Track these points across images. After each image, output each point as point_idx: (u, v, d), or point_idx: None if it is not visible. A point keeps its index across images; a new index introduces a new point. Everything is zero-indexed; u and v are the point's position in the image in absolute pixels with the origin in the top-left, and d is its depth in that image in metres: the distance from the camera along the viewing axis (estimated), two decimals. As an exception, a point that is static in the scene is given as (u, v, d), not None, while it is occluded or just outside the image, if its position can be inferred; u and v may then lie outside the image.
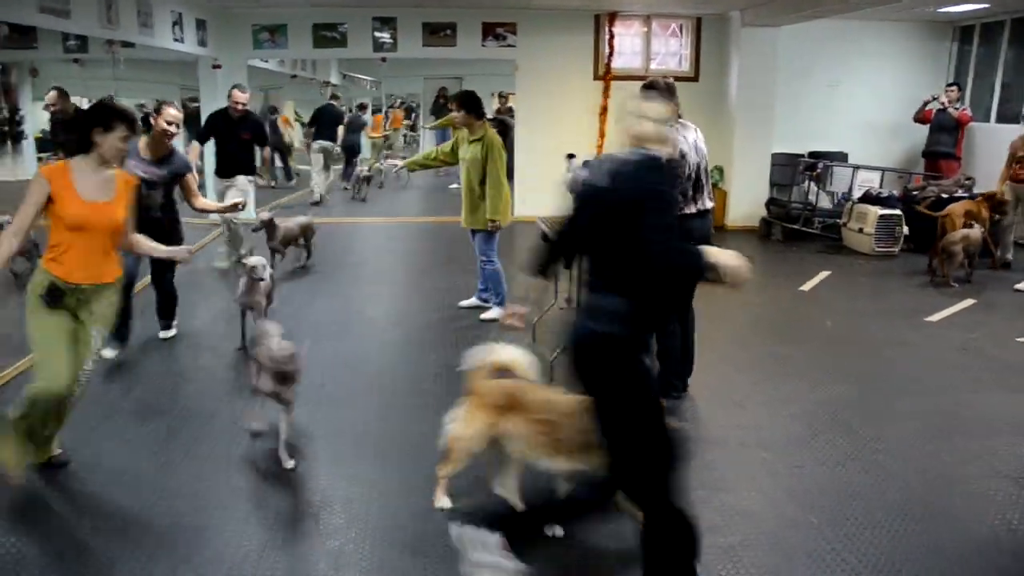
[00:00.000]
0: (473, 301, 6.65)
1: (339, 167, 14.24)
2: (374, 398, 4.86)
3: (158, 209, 5.27)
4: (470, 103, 6.13)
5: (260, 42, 10.34)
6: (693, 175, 4.50)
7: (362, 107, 16.49)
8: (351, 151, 14.44)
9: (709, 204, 4.63)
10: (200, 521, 3.44)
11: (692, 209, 4.52)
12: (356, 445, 4.22)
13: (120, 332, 5.25)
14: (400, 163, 6.61)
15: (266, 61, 12.34)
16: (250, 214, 8.27)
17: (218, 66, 10.19)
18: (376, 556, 3.25)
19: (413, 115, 21.58)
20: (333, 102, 13.77)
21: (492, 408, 3.38)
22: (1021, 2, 9.33)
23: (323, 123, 12.94)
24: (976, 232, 7.64)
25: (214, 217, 7.98)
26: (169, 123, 5.26)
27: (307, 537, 3.37)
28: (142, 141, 5.20)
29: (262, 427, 4.23)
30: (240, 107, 7.47)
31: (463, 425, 3.43)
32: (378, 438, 4.30)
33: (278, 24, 10.27)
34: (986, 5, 9.52)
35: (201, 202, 5.61)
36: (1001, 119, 10.36)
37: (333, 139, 12.96)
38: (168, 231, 5.21)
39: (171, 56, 9.50)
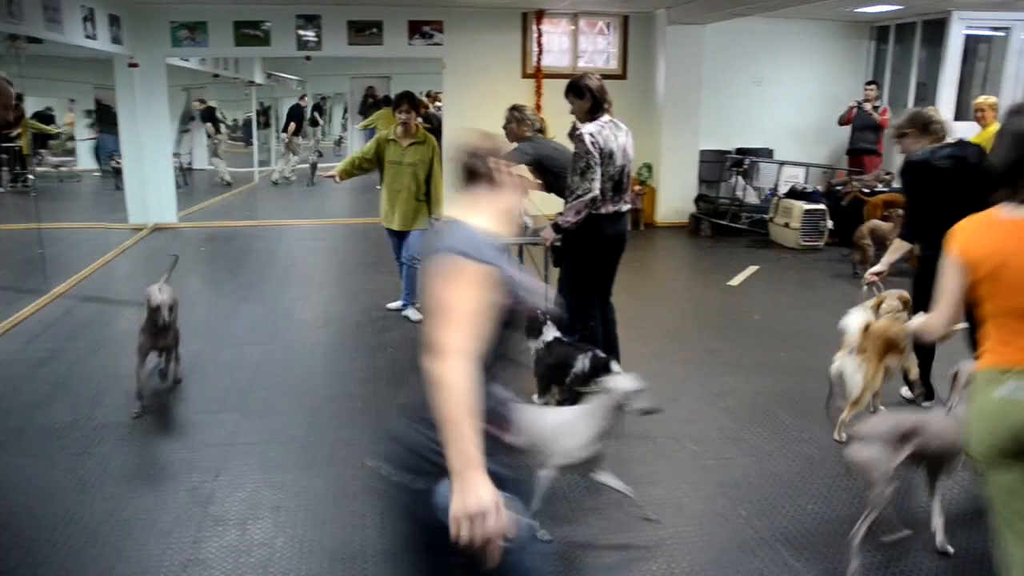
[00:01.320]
0: (401, 304, 6.56)
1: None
2: (302, 403, 4.75)
3: None
4: (418, 105, 6.11)
5: (179, 40, 10.01)
6: (616, 176, 4.49)
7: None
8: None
9: (625, 207, 4.63)
10: (120, 537, 3.31)
11: (608, 210, 4.50)
12: (283, 452, 4.12)
13: None
14: (332, 172, 6.42)
15: (187, 60, 11.99)
16: None
17: (135, 64, 9.84)
18: (305, 566, 3.17)
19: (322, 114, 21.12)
20: (300, 102, 16.00)
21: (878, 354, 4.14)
22: (931, 5, 9.67)
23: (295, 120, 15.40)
24: (885, 224, 7.88)
25: None
26: None
27: (233, 549, 3.26)
28: None
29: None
30: None
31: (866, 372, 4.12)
32: (306, 444, 4.21)
33: (198, 21, 9.95)
34: (900, 7, 9.84)
35: None
36: (916, 115, 10.70)
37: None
38: None
39: (83, 53, 9.11)
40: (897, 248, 4.59)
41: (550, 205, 5.05)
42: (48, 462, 3.97)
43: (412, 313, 6.31)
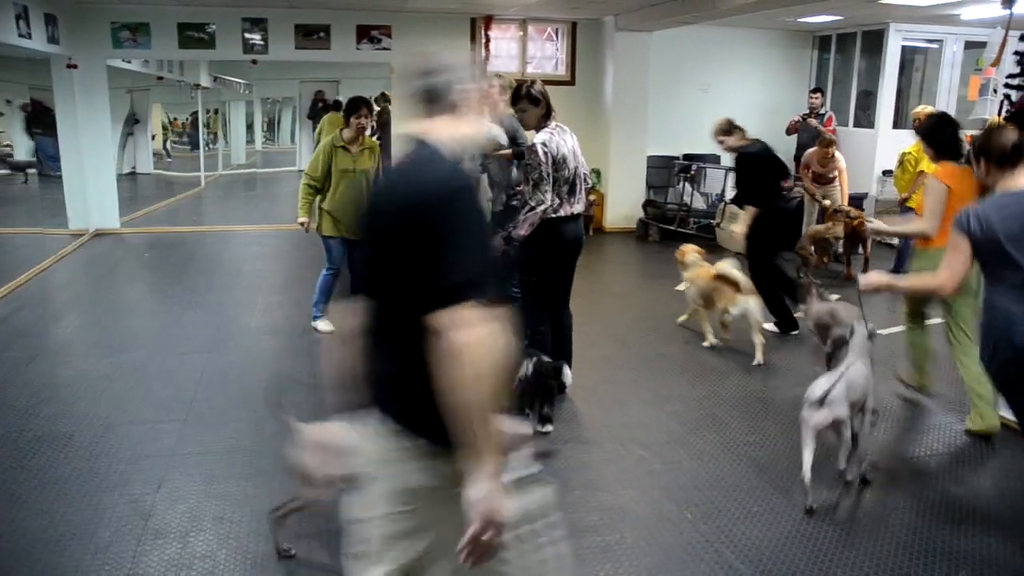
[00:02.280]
0: None
1: None
2: (246, 412, 4.67)
3: None
4: (372, 110, 6.08)
5: (120, 41, 9.77)
6: (571, 179, 4.54)
7: None
8: None
9: (579, 209, 4.66)
10: (53, 554, 3.21)
11: (565, 212, 4.55)
12: (228, 462, 4.05)
13: None
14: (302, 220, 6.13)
15: (129, 61, 11.72)
16: None
17: (73, 65, 9.58)
18: (247, 578, 3.11)
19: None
20: None
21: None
22: (869, 16, 9.93)
23: None
24: (822, 228, 8.04)
25: None
26: None
27: (174, 562, 3.18)
28: None
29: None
30: None
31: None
32: (250, 453, 4.14)
33: (140, 23, 9.73)
34: (839, 17, 10.08)
35: None
36: (857, 124, 10.99)
37: None
38: None
39: (18, 52, 8.83)
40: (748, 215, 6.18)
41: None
42: (-21, 477, 3.84)
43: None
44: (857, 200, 9.40)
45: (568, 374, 4.32)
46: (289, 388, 4.99)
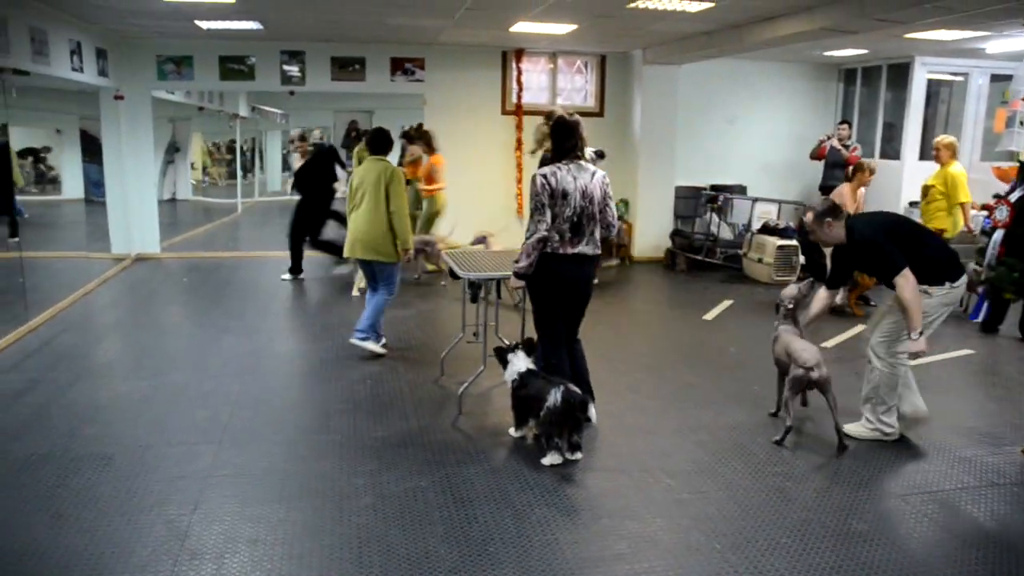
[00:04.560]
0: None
1: None
2: (280, 435, 4.77)
3: None
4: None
5: (165, 73, 10.12)
6: (575, 218, 4.50)
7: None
8: None
9: (588, 250, 4.60)
10: (93, 571, 3.30)
11: (567, 251, 4.53)
12: (262, 485, 4.13)
13: None
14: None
15: (172, 92, 12.08)
16: None
17: (120, 97, 9.92)
18: (281, 599, 3.18)
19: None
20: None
21: None
22: (895, 50, 9.98)
23: None
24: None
25: None
26: None
27: (209, 582, 3.26)
28: None
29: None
30: None
31: None
32: (284, 476, 4.22)
33: (183, 55, 10.08)
34: (865, 51, 10.14)
35: None
36: (884, 155, 10.99)
37: None
38: None
39: (70, 85, 9.19)
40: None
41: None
42: (23, 493, 3.95)
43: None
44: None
45: (593, 412, 4.35)
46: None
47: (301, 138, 9.30)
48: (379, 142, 6.28)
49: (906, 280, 4.41)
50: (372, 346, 6.30)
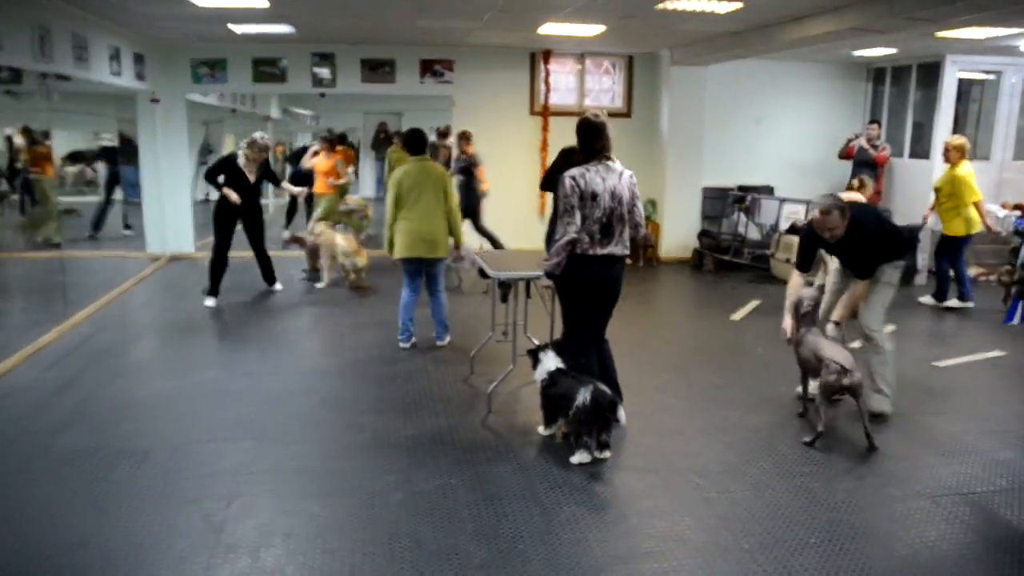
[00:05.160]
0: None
1: None
2: (313, 432, 4.86)
3: None
4: None
5: (199, 76, 10.29)
6: (604, 219, 4.50)
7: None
8: None
9: (619, 251, 4.61)
10: (134, 563, 3.39)
11: (596, 252, 4.53)
12: (295, 480, 4.21)
13: None
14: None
15: (206, 95, 12.25)
16: None
17: (156, 100, 10.11)
18: (316, 592, 3.24)
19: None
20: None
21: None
22: (925, 49, 9.88)
23: None
24: None
25: None
26: None
27: (246, 575, 3.34)
28: None
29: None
30: None
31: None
32: (316, 473, 4.30)
33: (217, 59, 10.24)
34: (895, 50, 10.05)
35: None
36: (914, 155, 10.89)
37: None
38: None
39: (108, 89, 9.37)
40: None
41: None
42: (65, 487, 4.06)
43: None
44: (911, 231, 9.32)
45: (622, 413, 4.37)
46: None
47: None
48: (418, 143, 6.42)
49: (896, 269, 5.13)
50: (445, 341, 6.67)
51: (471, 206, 9.22)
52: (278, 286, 8.73)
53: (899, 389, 5.73)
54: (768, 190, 10.94)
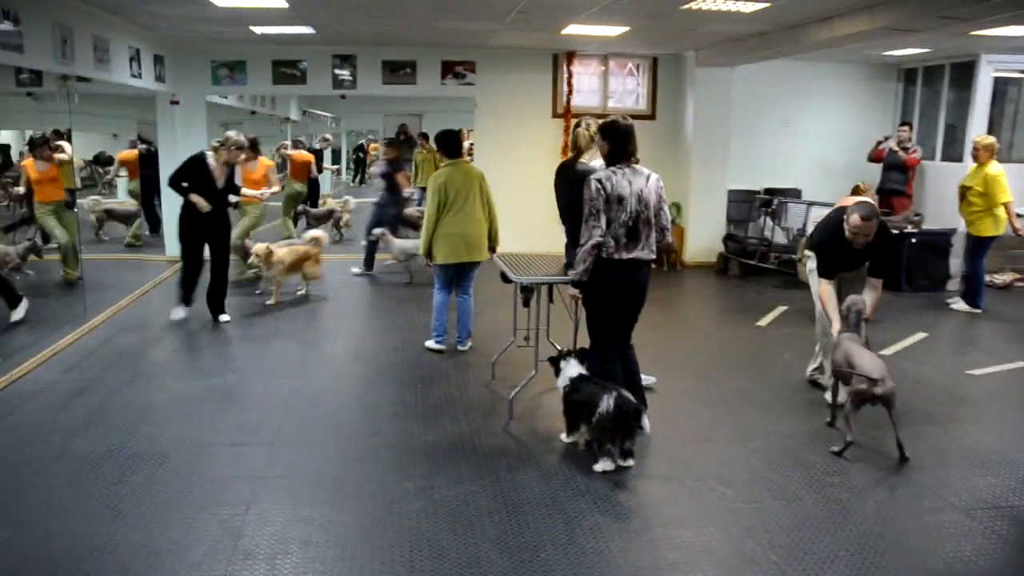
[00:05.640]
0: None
1: None
2: (332, 438, 4.80)
3: None
4: None
5: (219, 78, 10.32)
6: (631, 223, 4.44)
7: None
8: None
9: (645, 255, 4.55)
10: (151, 568, 3.35)
11: (622, 256, 4.47)
12: (313, 486, 4.15)
13: None
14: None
15: (225, 97, 12.29)
16: None
17: (176, 102, 10.14)
18: (333, 601, 3.18)
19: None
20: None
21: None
22: (959, 48, 9.70)
23: None
24: None
25: None
26: None
27: (262, 582, 3.29)
28: None
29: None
30: None
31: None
32: (335, 479, 4.24)
33: (237, 60, 10.26)
34: (927, 50, 9.87)
35: None
36: (946, 158, 10.70)
37: None
38: None
39: (128, 91, 9.41)
40: None
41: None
42: (83, 490, 4.04)
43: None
44: (944, 235, 9.15)
45: (646, 422, 4.28)
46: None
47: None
48: (453, 145, 6.38)
49: None
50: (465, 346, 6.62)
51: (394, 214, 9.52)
52: (224, 317, 7.43)
53: (931, 398, 5.62)
54: (795, 193, 10.79)
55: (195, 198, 6.87)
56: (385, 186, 9.86)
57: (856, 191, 8.28)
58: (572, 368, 4.58)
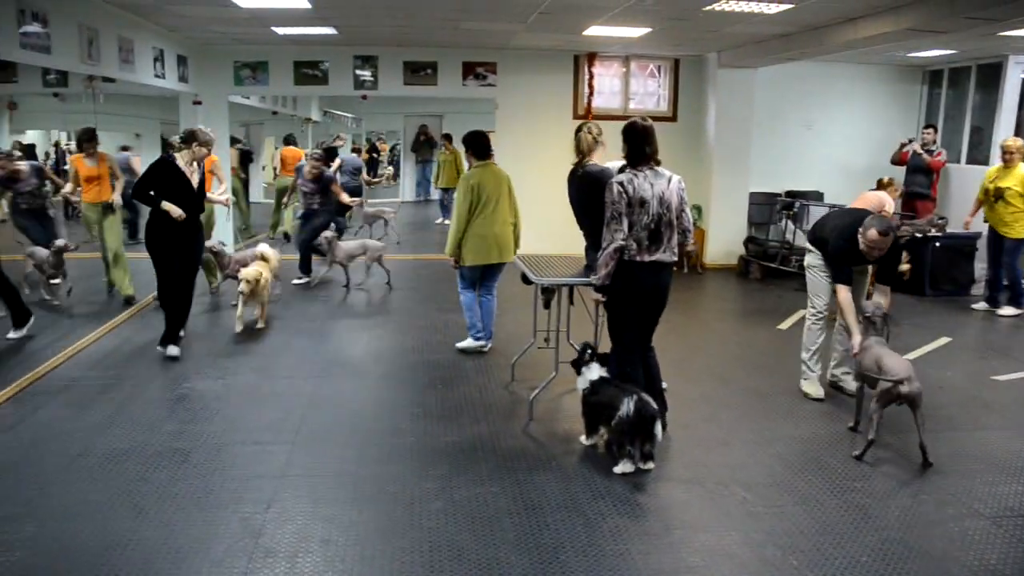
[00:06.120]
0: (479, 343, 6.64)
1: None
2: (352, 437, 4.81)
3: None
4: None
5: (241, 79, 10.39)
6: (652, 225, 4.42)
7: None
8: None
9: (667, 257, 4.52)
10: (173, 564, 3.37)
11: (644, 259, 4.45)
12: (333, 486, 4.17)
13: None
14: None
15: (247, 97, 12.38)
16: None
17: (198, 102, 10.21)
18: (353, 600, 3.19)
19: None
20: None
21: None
22: (986, 49, 9.58)
23: None
24: None
25: None
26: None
27: (282, 581, 3.30)
28: None
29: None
30: None
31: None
32: (355, 478, 4.25)
33: (259, 61, 10.33)
34: (953, 51, 9.76)
35: None
36: (971, 161, 10.58)
37: None
38: None
39: (152, 91, 9.51)
40: None
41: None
42: (107, 487, 4.08)
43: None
44: (969, 239, 9.05)
45: (659, 428, 4.27)
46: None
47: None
48: (482, 146, 6.39)
49: None
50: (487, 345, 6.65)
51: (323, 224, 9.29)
52: (173, 351, 6.27)
53: (955, 403, 5.56)
54: (817, 196, 10.70)
55: (168, 206, 6.01)
56: (319, 200, 9.30)
57: (880, 185, 8.20)
58: (593, 371, 4.57)
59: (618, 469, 4.28)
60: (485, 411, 5.26)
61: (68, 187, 8.14)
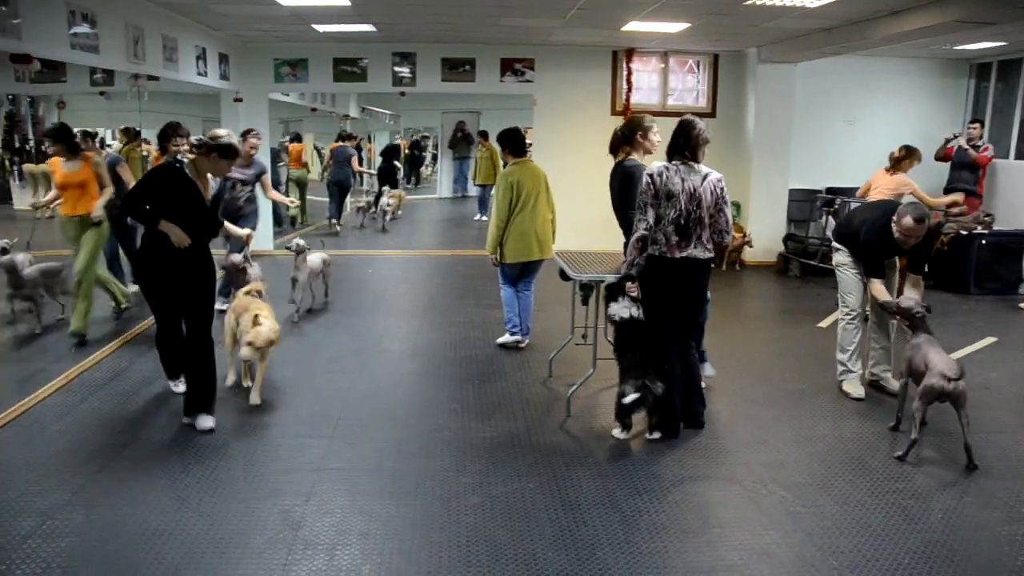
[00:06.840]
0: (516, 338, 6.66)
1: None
2: (390, 432, 4.84)
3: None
4: None
5: (281, 76, 10.52)
6: (681, 221, 4.40)
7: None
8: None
9: (701, 254, 4.50)
10: (214, 555, 3.43)
11: (674, 255, 4.45)
12: (372, 480, 4.20)
13: None
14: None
15: (287, 94, 12.52)
16: None
17: (239, 99, 10.36)
18: (391, 593, 3.22)
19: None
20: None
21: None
22: (1037, 41, 9.36)
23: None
24: None
25: None
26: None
27: (322, 573, 3.32)
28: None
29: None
30: None
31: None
32: (394, 473, 4.28)
33: (299, 58, 10.45)
34: (1003, 43, 9.53)
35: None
36: (1020, 156, 10.33)
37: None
38: None
39: (194, 89, 9.65)
40: None
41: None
42: (150, 477, 4.15)
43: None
44: (1017, 236, 8.85)
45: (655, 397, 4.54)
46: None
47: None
48: (518, 144, 6.42)
49: None
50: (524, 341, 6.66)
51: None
52: (205, 422, 4.76)
53: (1001, 405, 5.45)
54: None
55: (168, 227, 4.50)
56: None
57: (893, 160, 8.05)
58: (621, 308, 4.70)
59: (615, 432, 4.68)
60: (523, 407, 5.27)
61: (51, 194, 6.87)
